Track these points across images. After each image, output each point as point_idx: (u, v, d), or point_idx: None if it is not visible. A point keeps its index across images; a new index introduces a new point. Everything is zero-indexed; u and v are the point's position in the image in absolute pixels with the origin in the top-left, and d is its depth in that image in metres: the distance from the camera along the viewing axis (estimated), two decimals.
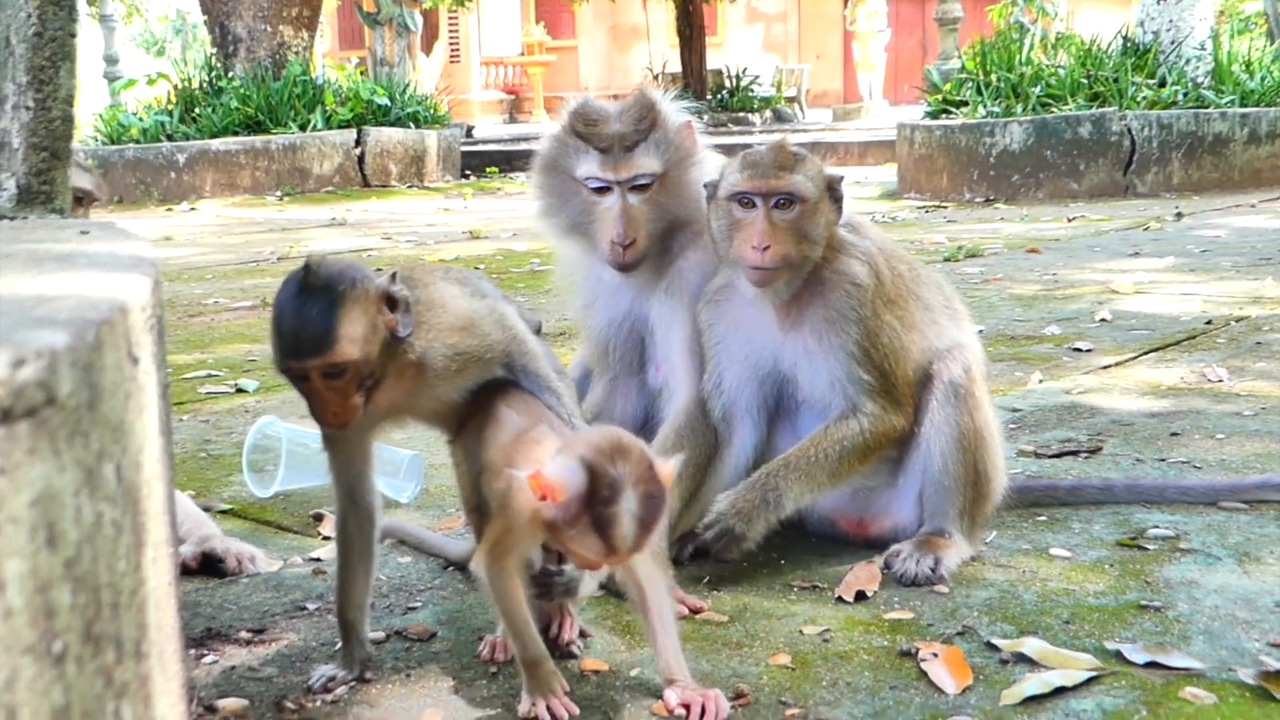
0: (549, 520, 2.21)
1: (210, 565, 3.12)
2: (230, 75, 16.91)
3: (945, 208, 12.19)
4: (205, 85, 17.02)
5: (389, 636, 2.70)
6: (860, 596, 2.83)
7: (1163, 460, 3.81)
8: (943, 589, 2.87)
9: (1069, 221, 10.50)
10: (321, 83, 17.07)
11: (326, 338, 2.26)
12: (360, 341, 2.29)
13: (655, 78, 24.66)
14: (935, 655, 2.48)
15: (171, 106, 16.90)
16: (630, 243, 3.05)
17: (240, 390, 5.23)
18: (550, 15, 38.97)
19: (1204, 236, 9.07)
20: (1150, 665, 2.42)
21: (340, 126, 16.44)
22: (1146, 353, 5.35)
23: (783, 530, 3.02)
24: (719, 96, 24.17)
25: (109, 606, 1.24)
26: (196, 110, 16.55)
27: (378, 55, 20.16)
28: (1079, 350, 5.45)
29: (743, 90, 24.69)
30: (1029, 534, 3.23)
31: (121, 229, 2.39)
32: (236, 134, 16.13)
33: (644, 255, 3.11)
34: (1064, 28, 15.37)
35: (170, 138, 16.24)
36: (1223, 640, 2.55)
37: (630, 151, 3.04)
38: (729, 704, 2.32)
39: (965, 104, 13.47)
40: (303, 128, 16.28)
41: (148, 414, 1.54)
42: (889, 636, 2.63)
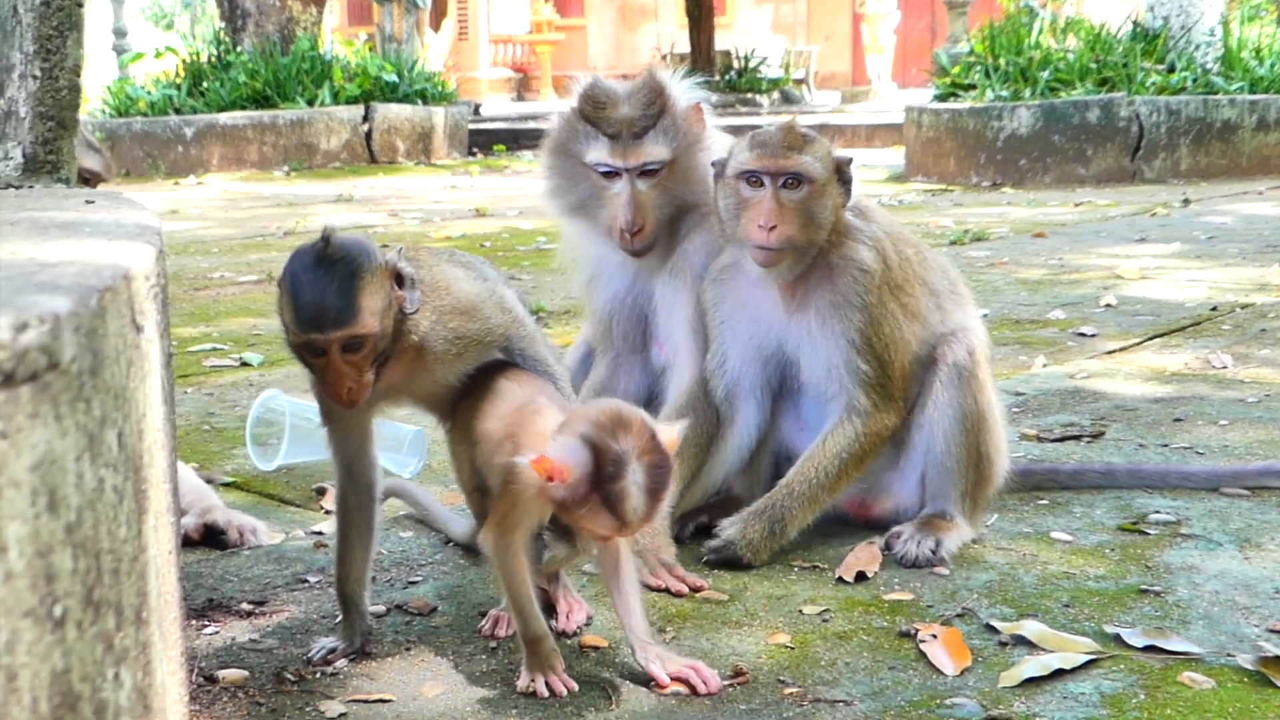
0: (558, 500, 2.22)
1: (212, 537, 3.13)
2: (238, 49, 16.87)
3: (952, 191, 12.16)
4: (213, 59, 16.99)
5: (390, 610, 2.70)
6: (860, 577, 2.84)
7: (1165, 445, 3.80)
8: (943, 571, 2.87)
9: (1076, 206, 10.47)
10: (330, 58, 17.01)
11: (349, 309, 2.25)
12: (379, 314, 2.28)
13: (664, 58, 24.60)
14: (934, 637, 2.49)
15: (179, 80, 16.87)
16: (638, 229, 3.05)
17: (244, 364, 5.23)
18: None
19: (1211, 223, 9.05)
20: (1149, 649, 2.43)
21: (348, 102, 16.40)
22: (1151, 338, 5.35)
23: None
24: (727, 77, 24.06)
25: (110, 572, 1.25)
26: (204, 84, 16.52)
27: (386, 31, 20.08)
28: (1084, 335, 5.44)
29: (751, 71, 24.58)
30: (1030, 517, 3.23)
31: (126, 198, 2.39)
32: (244, 108, 16.09)
33: (652, 241, 3.11)
34: (1074, 12, 15.28)
35: (178, 111, 16.22)
36: (1222, 625, 2.55)
37: (639, 138, 3.04)
38: (722, 680, 2.34)
39: (973, 87, 13.41)
40: (310, 103, 16.25)
41: (150, 381, 1.54)
42: (889, 617, 2.63)
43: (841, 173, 2.98)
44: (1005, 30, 13.88)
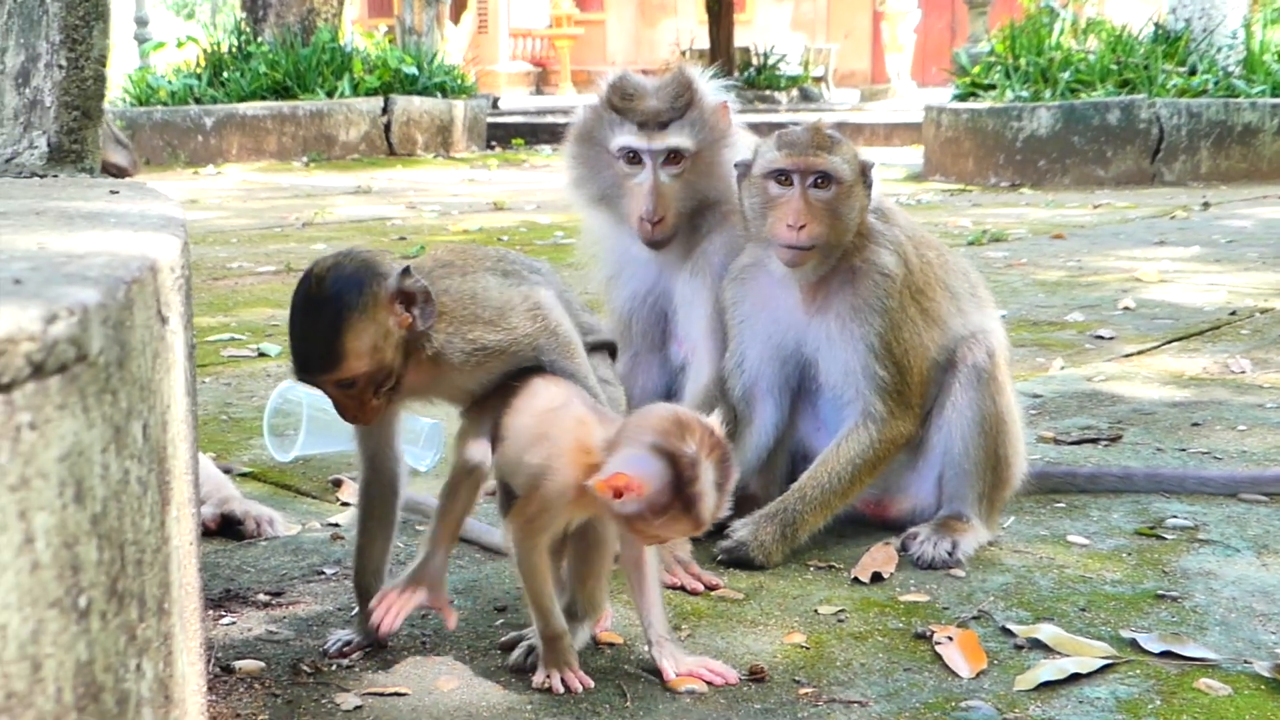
0: (626, 514, 2.20)
1: (229, 527, 3.14)
2: (259, 40, 16.89)
3: (970, 191, 12.13)
4: (234, 49, 17.00)
5: None
6: (876, 578, 2.84)
7: (1183, 450, 3.79)
8: (959, 573, 2.87)
9: (1094, 208, 10.44)
10: (350, 50, 17.02)
11: (333, 354, 2.24)
12: (368, 354, 2.26)
13: (683, 54, 24.55)
14: (950, 639, 2.48)
15: (200, 70, 16.89)
16: (659, 219, 3.05)
17: (262, 354, 5.24)
18: None
19: (1230, 227, 9.02)
20: (1165, 655, 2.42)
21: (368, 94, 16.40)
22: (1169, 342, 5.33)
23: None
24: (746, 74, 24.01)
25: (133, 563, 1.25)
26: (225, 74, 16.54)
27: (406, 24, 20.08)
28: (1101, 338, 5.42)
29: (769, 68, 24.52)
30: (1047, 520, 3.23)
31: (151, 189, 2.40)
32: (264, 99, 16.11)
33: (673, 233, 3.11)
34: (1095, 13, 15.21)
35: (198, 101, 16.23)
36: (1239, 632, 2.54)
37: (665, 127, 3.06)
38: (740, 679, 2.34)
39: (993, 87, 13.37)
40: (330, 94, 16.26)
41: (175, 373, 1.55)
42: (904, 619, 2.63)
43: (865, 175, 2.98)
44: (1026, 30, 13.83)
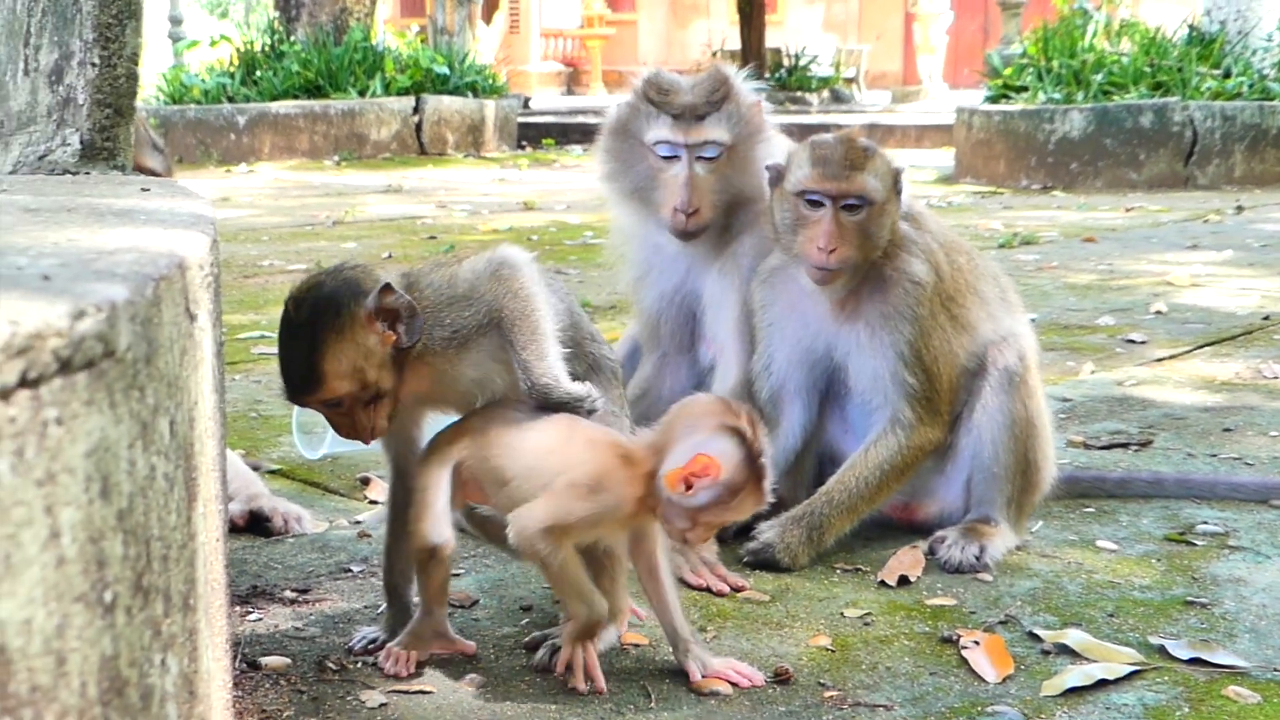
0: (698, 504, 2.21)
1: (257, 524, 3.15)
2: (292, 39, 16.96)
3: (1002, 194, 12.07)
4: (267, 48, 17.07)
5: None
6: (903, 581, 2.83)
7: (1214, 456, 3.77)
8: (986, 577, 2.86)
9: (1127, 211, 10.38)
10: (382, 49, 17.07)
11: (311, 378, 2.27)
12: (349, 375, 2.27)
13: (714, 54, 24.52)
14: (977, 643, 2.47)
15: (233, 69, 16.97)
16: (694, 211, 3.06)
17: None
18: None
19: (1264, 231, 8.95)
20: (1194, 661, 2.41)
21: (399, 94, 16.44)
22: (1201, 346, 5.30)
23: None
24: (777, 75, 23.97)
25: (159, 559, 1.26)
26: (257, 73, 16.61)
27: (438, 23, 20.14)
28: (1132, 342, 5.39)
29: (801, 69, 24.48)
30: (1075, 525, 3.21)
31: (181, 186, 2.41)
32: (296, 98, 16.17)
33: (706, 225, 3.12)
34: (1129, 15, 15.12)
35: (231, 100, 16.31)
36: (1269, 639, 2.52)
37: (701, 121, 3.08)
38: (765, 681, 2.33)
39: (1025, 90, 13.30)
40: (362, 94, 16.31)
41: (202, 370, 1.56)
42: (930, 622, 2.62)
43: (896, 183, 2.97)
44: (1059, 32, 13.76)
